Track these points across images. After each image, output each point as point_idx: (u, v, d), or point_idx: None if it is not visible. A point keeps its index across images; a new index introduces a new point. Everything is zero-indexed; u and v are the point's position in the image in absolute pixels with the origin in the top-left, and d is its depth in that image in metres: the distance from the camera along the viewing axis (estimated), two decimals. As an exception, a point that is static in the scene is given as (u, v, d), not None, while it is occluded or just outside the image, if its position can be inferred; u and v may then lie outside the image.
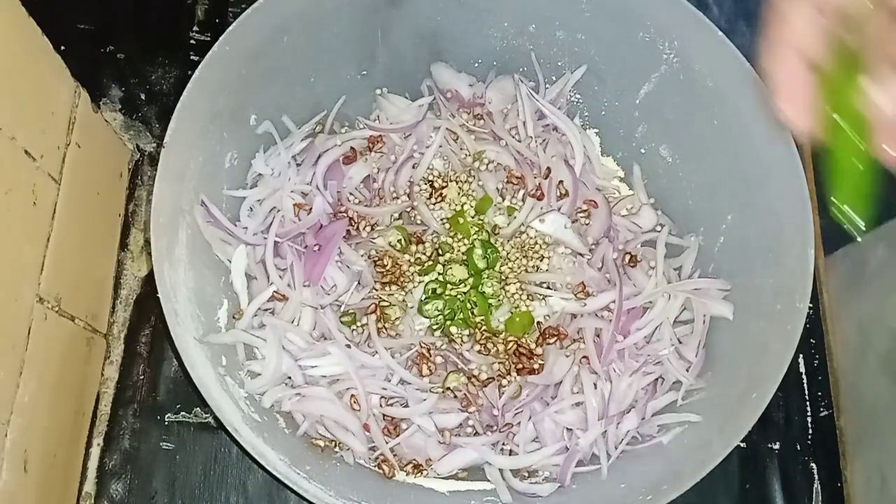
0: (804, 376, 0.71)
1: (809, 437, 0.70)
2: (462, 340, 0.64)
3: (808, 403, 0.70)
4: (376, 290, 0.64)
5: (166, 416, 0.66)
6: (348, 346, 0.61)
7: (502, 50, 0.68)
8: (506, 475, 0.60)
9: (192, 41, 0.75)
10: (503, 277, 0.65)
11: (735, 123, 0.61)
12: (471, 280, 0.64)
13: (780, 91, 0.36)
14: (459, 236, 0.66)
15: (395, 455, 0.61)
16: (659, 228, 0.68)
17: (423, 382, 0.61)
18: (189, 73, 0.56)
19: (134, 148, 0.72)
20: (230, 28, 0.57)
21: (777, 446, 0.69)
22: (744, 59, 0.58)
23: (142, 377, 0.67)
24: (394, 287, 0.64)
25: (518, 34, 0.67)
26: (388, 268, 0.64)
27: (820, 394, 0.70)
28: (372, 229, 0.66)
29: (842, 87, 0.36)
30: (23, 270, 0.54)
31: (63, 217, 0.58)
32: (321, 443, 0.60)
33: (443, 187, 0.67)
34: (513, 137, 0.69)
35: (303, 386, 0.60)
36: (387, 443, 0.60)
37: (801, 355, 0.71)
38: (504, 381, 0.62)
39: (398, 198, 0.67)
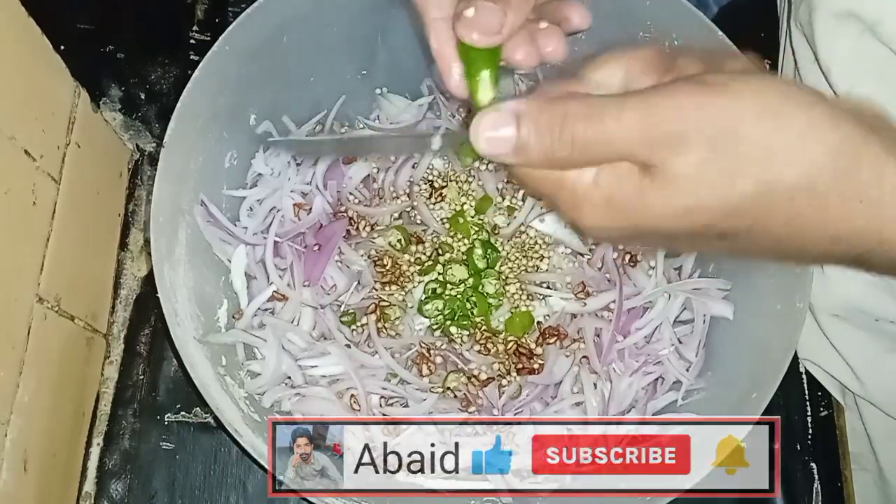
0: (804, 376, 0.71)
1: (809, 437, 0.69)
2: (462, 340, 0.64)
3: (808, 403, 0.70)
4: (376, 290, 0.64)
5: (166, 416, 0.66)
6: (348, 345, 0.61)
7: (502, 50, 0.68)
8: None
9: (192, 41, 0.75)
10: (503, 277, 0.65)
11: (735, 123, 0.61)
12: (471, 280, 0.64)
13: (442, 65, 0.39)
14: (459, 236, 0.66)
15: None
16: (659, 228, 0.68)
17: (423, 382, 0.61)
18: (189, 73, 0.56)
19: (134, 148, 0.72)
20: (230, 28, 0.56)
21: (777, 446, 0.69)
22: (744, 58, 0.58)
23: (142, 377, 0.67)
24: (394, 287, 0.64)
25: (518, 34, 0.67)
26: (387, 268, 0.64)
27: (820, 394, 0.70)
28: (372, 229, 0.66)
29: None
30: (22, 270, 0.54)
31: (63, 217, 0.58)
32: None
33: (443, 187, 0.67)
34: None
35: (303, 386, 0.60)
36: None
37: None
38: (504, 381, 0.63)
39: (398, 198, 0.67)
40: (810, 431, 0.70)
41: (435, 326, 0.64)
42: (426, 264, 0.65)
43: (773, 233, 0.32)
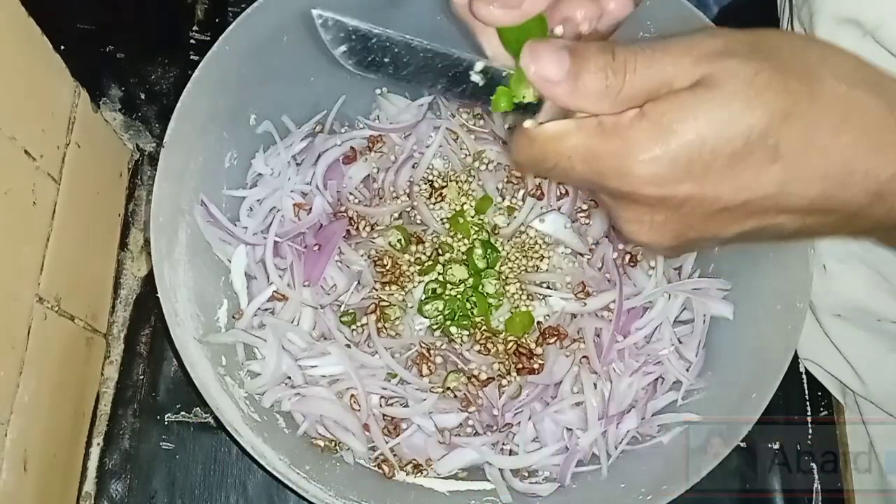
0: (804, 376, 0.71)
1: (809, 437, 0.69)
2: (462, 340, 0.64)
3: (808, 403, 0.70)
4: (376, 289, 0.64)
5: (166, 416, 0.66)
6: (348, 345, 0.61)
7: (502, 49, 0.68)
8: (506, 475, 0.60)
9: (192, 41, 0.75)
10: (503, 277, 0.65)
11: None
12: (471, 280, 0.64)
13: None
14: (459, 236, 0.66)
15: (395, 455, 0.61)
16: (659, 228, 0.68)
17: (423, 382, 0.61)
18: (189, 72, 0.56)
19: (134, 148, 0.72)
20: (230, 28, 0.56)
21: (777, 446, 0.69)
22: None
23: (142, 377, 0.67)
24: (394, 287, 0.64)
25: (518, 34, 0.67)
26: (387, 268, 0.64)
27: (820, 394, 0.70)
28: (372, 229, 0.66)
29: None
30: (22, 270, 0.54)
31: (63, 217, 0.58)
32: (321, 443, 0.60)
33: (443, 187, 0.67)
34: (513, 137, 0.69)
35: (303, 386, 0.60)
36: (387, 443, 0.60)
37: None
38: (504, 381, 0.62)
39: (398, 198, 0.67)
40: (810, 431, 0.70)
41: (435, 326, 0.64)
42: (426, 264, 0.65)
43: (824, 145, 0.32)
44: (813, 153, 0.32)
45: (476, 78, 0.37)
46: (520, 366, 0.62)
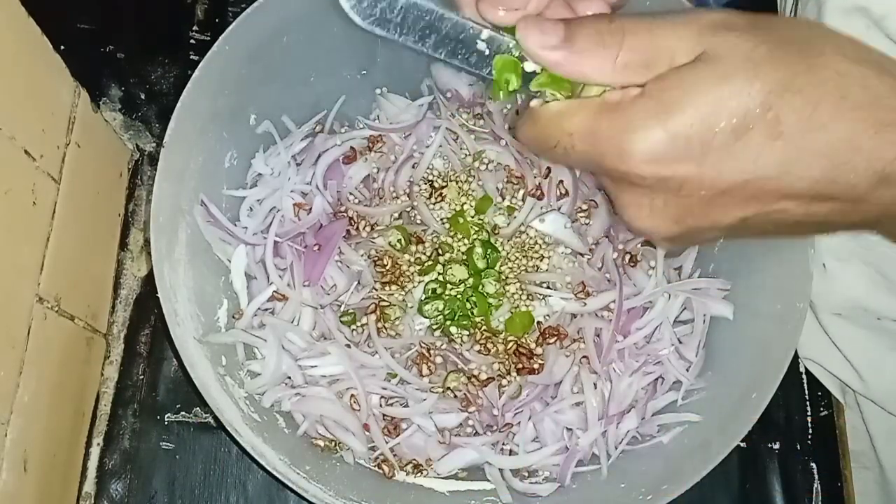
0: (804, 376, 0.71)
1: (809, 437, 0.69)
2: (462, 340, 0.64)
3: (808, 403, 0.70)
4: (376, 289, 0.64)
5: (166, 416, 0.66)
6: (348, 345, 0.61)
7: (502, 49, 0.68)
8: (506, 475, 0.60)
9: (192, 41, 0.75)
10: (503, 277, 0.65)
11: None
12: (471, 280, 0.64)
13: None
14: (459, 236, 0.66)
15: (395, 455, 0.61)
16: (659, 228, 0.68)
17: (423, 382, 0.61)
18: (189, 72, 0.56)
19: (134, 148, 0.72)
20: (230, 28, 0.56)
21: (777, 446, 0.69)
22: None
23: (142, 377, 0.67)
24: (394, 287, 0.64)
25: (518, 34, 0.67)
26: (387, 268, 0.64)
27: (820, 394, 0.70)
28: (372, 229, 0.66)
29: None
30: (22, 270, 0.54)
31: (63, 217, 0.58)
32: (321, 443, 0.60)
33: (443, 187, 0.67)
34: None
35: (303, 386, 0.60)
36: (387, 443, 0.60)
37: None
38: (504, 381, 0.62)
39: (398, 198, 0.67)
40: (810, 431, 0.70)
41: (435, 326, 0.64)
42: (426, 264, 0.65)
43: (825, 122, 0.32)
44: (814, 129, 0.32)
45: (482, 46, 0.37)
46: (520, 366, 0.62)
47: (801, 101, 0.32)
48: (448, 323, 0.63)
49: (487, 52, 0.37)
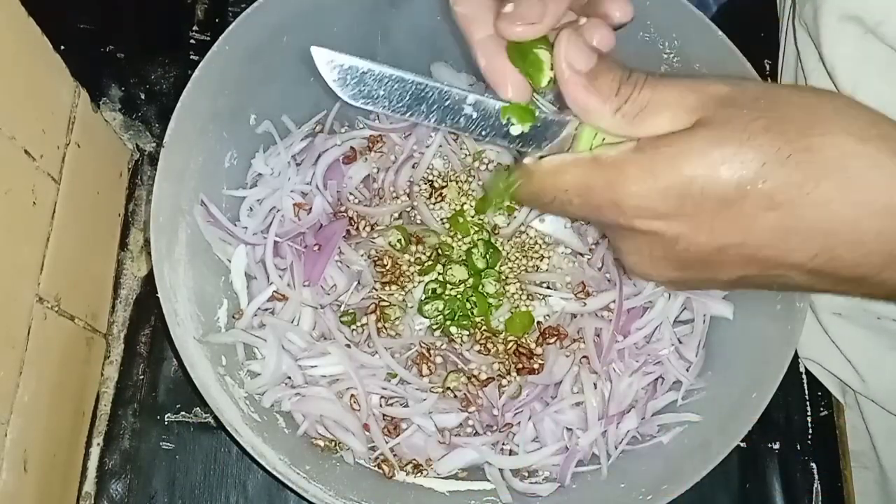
0: (804, 376, 0.71)
1: (809, 437, 0.69)
2: (462, 340, 0.64)
3: (808, 403, 0.70)
4: (376, 289, 0.64)
5: (166, 415, 0.66)
6: (348, 345, 0.61)
7: (502, 49, 0.68)
8: (506, 475, 0.60)
9: (192, 41, 0.75)
10: (503, 277, 0.65)
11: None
12: (471, 280, 0.64)
13: (495, 79, 0.38)
14: (459, 236, 0.66)
15: (395, 455, 0.61)
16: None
17: (423, 382, 0.61)
18: (189, 72, 0.56)
19: (134, 148, 0.72)
20: (230, 28, 0.56)
21: (777, 446, 0.69)
22: (744, 58, 0.58)
23: (142, 377, 0.67)
24: (394, 287, 0.64)
25: (518, 34, 0.67)
26: (387, 268, 0.64)
27: (820, 394, 0.70)
28: (372, 229, 0.66)
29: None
30: (22, 270, 0.54)
31: (63, 217, 0.58)
32: (321, 443, 0.60)
33: (443, 187, 0.67)
34: (513, 137, 0.69)
35: (303, 386, 0.60)
36: (387, 443, 0.60)
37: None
38: (504, 381, 0.63)
39: (398, 198, 0.67)
40: (810, 431, 0.70)
41: (435, 326, 0.64)
42: (426, 264, 0.65)
43: (826, 199, 0.31)
44: (813, 206, 0.32)
45: (468, 110, 0.38)
46: (520, 366, 0.62)
47: (801, 176, 0.31)
48: (448, 323, 0.63)
49: (475, 115, 0.38)
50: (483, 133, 0.39)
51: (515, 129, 0.38)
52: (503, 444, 0.61)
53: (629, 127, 0.34)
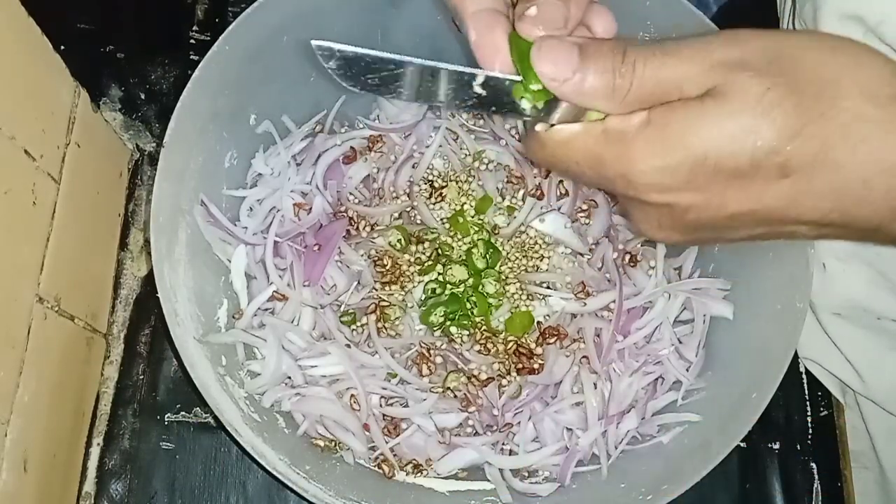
0: (804, 376, 0.71)
1: (809, 437, 0.69)
2: (462, 340, 0.64)
3: (808, 403, 0.70)
4: (376, 289, 0.64)
5: (166, 415, 0.66)
6: (348, 345, 0.61)
7: (502, 49, 0.68)
8: (506, 475, 0.60)
9: (192, 41, 0.75)
10: (503, 277, 0.65)
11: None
12: (471, 280, 0.64)
13: (484, 54, 0.38)
14: (459, 236, 0.66)
15: (395, 455, 0.61)
16: (659, 228, 0.68)
17: (423, 382, 0.61)
18: (189, 72, 0.56)
19: (134, 148, 0.72)
20: (230, 28, 0.56)
21: (777, 446, 0.69)
22: None
23: (142, 377, 0.67)
24: (394, 287, 0.64)
25: (518, 34, 0.67)
26: (387, 268, 0.64)
27: (820, 394, 0.70)
28: (372, 229, 0.66)
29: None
30: (22, 270, 0.54)
31: (63, 217, 0.58)
32: (321, 443, 0.60)
33: (443, 187, 0.67)
34: (512, 137, 0.69)
35: (303, 386, 0.60)
36: (387, 443, 0.60)
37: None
38: (504, 381, 0.63)
39: (398, 198, 0.67)
40: (810, 431, 0.70)
41: (435, 326, 0.64)
42: (426, 264, 0.65)
43: (838, 163, 0.31)
44: (826, 170, 0.32)
45: (479, 90, 0.37)
46: (520, 366, 0.62)
47: (813, 146, 0.31)
48: (448, 323, 0.63)
49: (485, 93, 0.37)
50: (493, 109, 0.38)
51: (527, 104, 0.37)
52: (503, 444, 0.61)
53: (643, 106, 0.33)
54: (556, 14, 0.36)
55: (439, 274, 0.64)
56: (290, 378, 0.60)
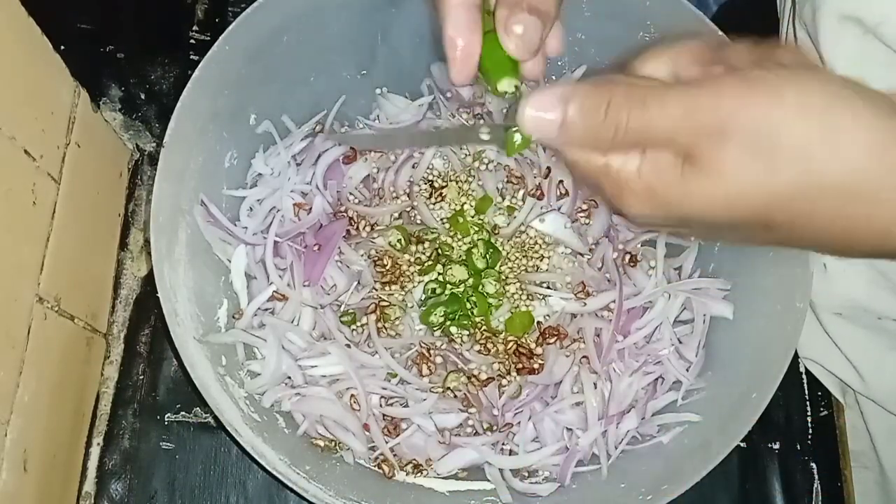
0: (804, 376, 0.71)
1: (809, 437, 0.69)
2: (462, 340, 0.64)
3: (808, 403, 0.70)
4: (376, 289, 0.64)
5: (166, 415, 0.66)
6: (348, 345, 0.61)
7: (502, 49, 0.68)
8: (506, 475, 0.60)
9: (192, 41, 0.75)
10: (503, 277, 0.65)
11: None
12: (471, 280, 0.64)
13: (453, 53, 0.39)
14: (459, 236, 0.66)
15: (394, 455, 0.61)
16: (659, 228, 0.68)
17: (423, 382, 0.61)
18: (189, 72, 0.56)
19: (134, 148, 0.72)
20: (230, 28, 0.57)
21: (777, 446, 0.69)
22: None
23: (142, 377, 0.67)
24: (394, 287, 0.64)
25: (518, 34, 0.67)
26: (387, 268, 0.64)
27: (820, 394, 0.70)
28: (372, 229, 0.66)
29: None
30: (22, 270, 0.54)
31: (63, 217, 0.58)
32: (321, 443, 0.60)
33: (443, 187, 0.67)
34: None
35: (303, 386, 0.60)
36: (387, 443, 0.60)
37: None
38: (504, 381, 0.62)
39: (398, 198, 0.67)
40: (810, 431, 0.70)
41: (435, 326, 0.64)
42: (426, 264, 0.65)
43: (818, 227, 0.33)
44: (806, 234, 0.33)
45: (484, 136, 0.41)
46: (520, 366, 0.62)
47: (789, 223, 0.33)
48: (448, 323, 0.63)
49: (489, 138, 0.41)
50: (494, 144, 0.41)
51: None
52: (503, 444, 0.61)
53: (630, 150, 0.34)
54: (536, 37, 0.38)
55: (439, 274, 0.64)
56: (290, 378, 0.60)
